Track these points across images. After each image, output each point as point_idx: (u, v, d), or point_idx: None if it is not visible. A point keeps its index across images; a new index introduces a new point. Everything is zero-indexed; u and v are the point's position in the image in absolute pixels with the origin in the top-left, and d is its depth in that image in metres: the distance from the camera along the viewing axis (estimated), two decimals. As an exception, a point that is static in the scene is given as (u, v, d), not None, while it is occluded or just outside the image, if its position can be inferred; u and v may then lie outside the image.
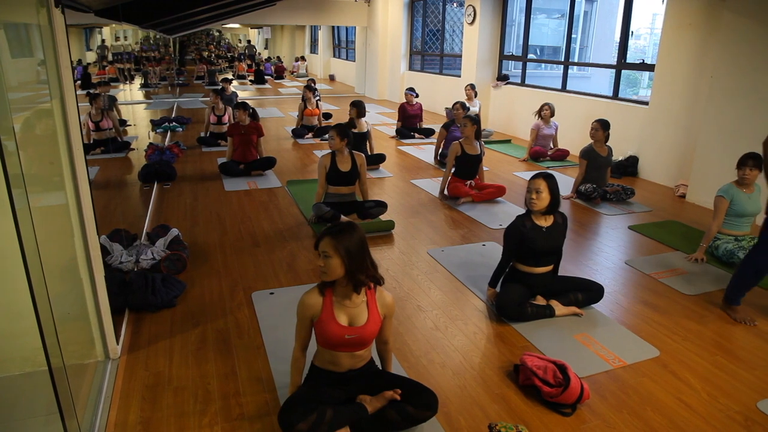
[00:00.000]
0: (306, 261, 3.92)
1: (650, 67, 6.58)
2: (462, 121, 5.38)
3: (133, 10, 5.17)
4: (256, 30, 31.69)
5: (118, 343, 2.74)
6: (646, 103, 6.52)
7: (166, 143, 7.64)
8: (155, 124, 8.94)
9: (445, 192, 5.47)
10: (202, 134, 8.14)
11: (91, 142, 7.10)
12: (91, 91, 7.15)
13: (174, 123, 9.07)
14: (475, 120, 5.31)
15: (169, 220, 4.65)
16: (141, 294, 3.16)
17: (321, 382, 2.23)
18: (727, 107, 5.14)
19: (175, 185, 5.84)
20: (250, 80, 18.71)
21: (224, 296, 3.39)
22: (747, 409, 2.43)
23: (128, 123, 8.31)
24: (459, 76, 10.45)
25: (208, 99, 9.35)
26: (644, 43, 17.94)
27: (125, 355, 2.75)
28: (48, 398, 1.67)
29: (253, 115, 6.60)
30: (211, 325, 3.04)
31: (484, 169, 5.67)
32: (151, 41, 10.04)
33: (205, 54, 26.53)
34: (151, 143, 7.14)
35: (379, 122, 10.08)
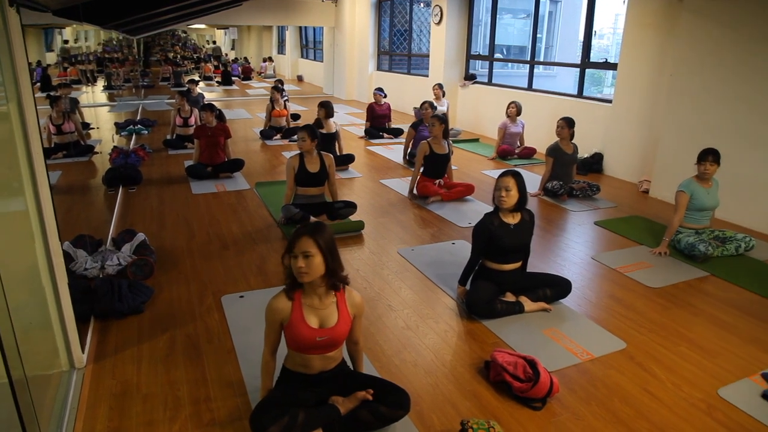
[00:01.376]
0: (276, 263, 3.89)
1: (613, 66, 6.73)
2: (430, 121, 5.42)
3: (94, 10, 5.05)
4: (222, 30, 31.32)
5: (83, 352, 2.67)
6: (610, 101, 6.66)
7: (131, 146, 7.49)
8: (120, 127, 8.73)
9: (415, 191, 5.50)
10: (168, 137, 8.00)
11: (53, 145, 6.89)
12: (52, 93, 6.96)
13: (139, 126, 8.89)
14: (443, 119, 5.35)
15: (135, 225, 4.56)
16: (107, 301, 3.09)
17: (292, 385, 2.21)
18: (687, 105, 5.29)
19: (140, 189, 5.72)
20: (217, 81, 18.47)
21: (193, 301, 3.34)
22: (709, 397, 2.51)
23: (91, 126, 8.10)
24: (427, 76, 10.50)
25: (174, 101, 9.20)
26: (607, 43, 18.33)
27: (91, 363, 2.69)
28: (8, 411, 1.62)
29: (220, 117, 6.51)
30: (180, 331, 3.00)
31: (453, 168, 5.71)
32: (114, 42, 9.80)
33: (171, 55, 26.11)
34: (115, 146, 6.98)
35: (348, 122, 10.07)
